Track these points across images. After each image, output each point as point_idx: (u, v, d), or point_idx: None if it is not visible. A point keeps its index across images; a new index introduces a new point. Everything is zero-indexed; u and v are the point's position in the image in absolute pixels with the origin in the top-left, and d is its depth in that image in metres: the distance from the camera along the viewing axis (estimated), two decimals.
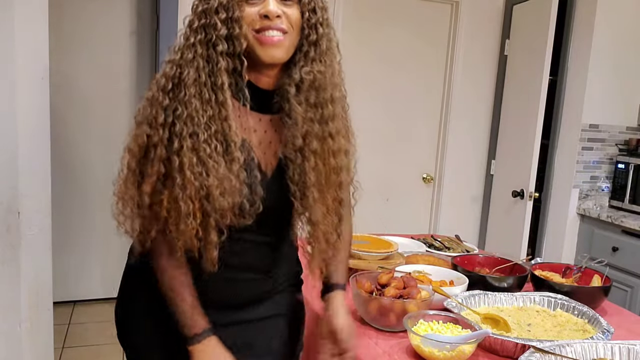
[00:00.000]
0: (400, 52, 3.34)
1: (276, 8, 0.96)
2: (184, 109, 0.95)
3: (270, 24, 0.96)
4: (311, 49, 1.02)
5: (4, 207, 1.87)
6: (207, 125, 0.95)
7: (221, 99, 0.96)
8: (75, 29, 3.29)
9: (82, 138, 3.40)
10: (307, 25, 1.01)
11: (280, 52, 0.99)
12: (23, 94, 1.87)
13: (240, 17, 0.96)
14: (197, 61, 0.96)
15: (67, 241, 3.36)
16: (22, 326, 1.95)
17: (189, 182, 0.95)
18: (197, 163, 0.95)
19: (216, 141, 0.96)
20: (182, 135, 0.95)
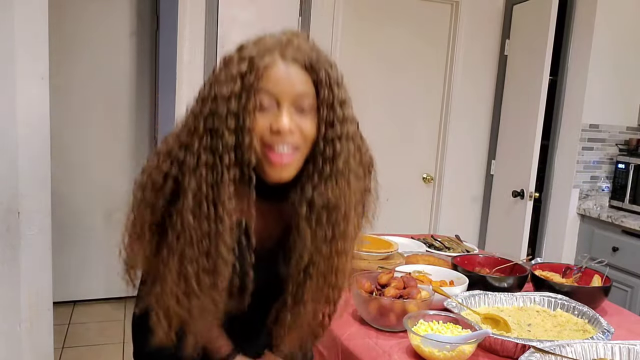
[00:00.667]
0: (400, 52, 3.34)
1: (289, 123, 0.87)
2: (179, 219, 0.88)
3: (281, 140, 0.87)
4: (326, 165, 0.91)
5: (4, 207, 1.87)
6: (199, 241, 0.88)
7: (220, 215, 0.88)
8: (75, 30, 3.29)
9: (82, 138, 3.40)
10: (324, 140, 0.90)
11: (289, 172, 0.91)
12: (23, 94, 1.87)
13: (252, 127, 0.87)
14: (200, 171, 0.87)
15: (67, 241, 3.36)
16: (22, 326, 1.95)
17: (170, 301, 0.90)
18: (181, 284, 0.89)
19: (206, 259, 0.89)
20: (172, 248, 0.89)
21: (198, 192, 0.87)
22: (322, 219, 0.93)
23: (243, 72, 0.86)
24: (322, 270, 0.96)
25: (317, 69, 0.89)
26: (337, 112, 0.90)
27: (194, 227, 0.88)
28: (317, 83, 0.89)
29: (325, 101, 0.90)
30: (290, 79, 0.88)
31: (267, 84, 0.87)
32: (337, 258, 0.96)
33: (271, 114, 0.88)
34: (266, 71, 0.87)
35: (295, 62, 0.88)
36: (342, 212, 0.94)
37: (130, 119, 3.51)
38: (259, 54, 0.87)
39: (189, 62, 2.92)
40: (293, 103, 0.88)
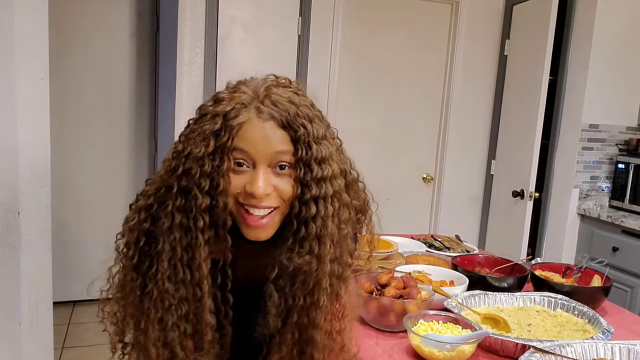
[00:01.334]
0: (400, 52, 3.34)
1: (265, 186, 0.82)
2: (154, 287, 0.85)
3: (256, 203, 0.83)
4: (301, 228, 0.86)
5: (4, 207, 1.87)
6: (177, 306, 0.84)
7: (197, 277, 0.84)
8: (75, 30, 3.29)
9: (82, 138, 3.40)
10: (299, 201, 0.85)
11: (267, 233, 0.86)
12: (23, 94, 1.87)
13: (226, 190, 0.83)
14: (173, 233, 0.83)
15: (67, 241, 3.36)
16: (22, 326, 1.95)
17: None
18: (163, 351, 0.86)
19: (186, 323, 0.85)
20: (149, 316, 0.86)
21: (173, 255, 0.84)
22: (294, 284, 0.87)
23: (216, 131, 0.82)
24: (295, 340, 0.90)
25: (295, 125, 0.83)
26: (314, 172, 0.84)
27: (170, 292, 0.84)
28: (294, 140, 0.84)
29: (303, 159, 0.84)
30: (267, 137, 0.82)
31: (241, 143, 0.82)
32: (312, 330, 0.90)
33: (246, 174, 0.83)
34: (241, 130, 0.82)
35: (272, 120, 0.83)
36: (314, 279, 0.87)
37: (130, 119, 3.51)
38: (233, 110, 0.83)
39: (189, 62, 2.92)
40: (270, 163, 0.83)
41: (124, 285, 0.90)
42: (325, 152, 0.86)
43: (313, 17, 3.09)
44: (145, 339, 0.87)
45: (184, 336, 0.86)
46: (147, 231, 0.87)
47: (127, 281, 0.89)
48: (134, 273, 0.88)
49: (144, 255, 0.88)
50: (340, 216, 0.89)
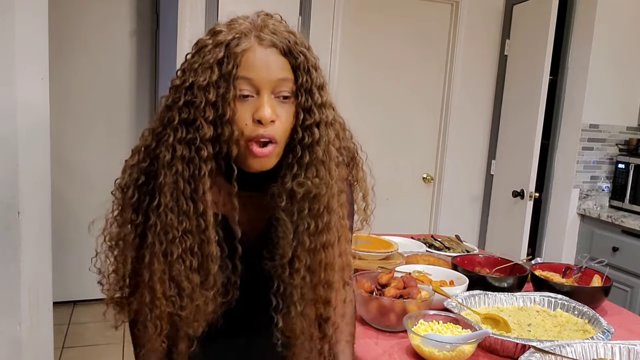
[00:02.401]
0: (400, 51, 3.34)
1: (271, 112, 0.83)
2: (157, 219, 0.84)
3: (263, 133, 0.83)
4: (305, 154, 0.87)
5: (4, 206, 1.87)
6: (182, 239, 0.85)
7: (201, 209, 0.84)
8: (75, 29, 3.29)
9: (82, 138, 3.40)
10: (301, 127, 0.87)
11: (271, 162, 0.87)
12: (23, 94, 1.86)
13: (232, 119, 0.83)
14: (175, 165, 0.83)
15: (67, 241, 3.36)
16: (22, 326, 1.95)
17: (159, 303, 0.87)
18: (170, 285, 0.86)
19: (191, 256, 0.86)
20: (153, 250, 0.85)
21: (175, 188, 0.84)
22: (304, 209, 0.88)
23: (220, 59, 0.82)
24: (307, 265, 0.91)
25: (295, 53, 0.85)
26: (315, 98, 0.86)
27: (174, 225, 0.84)
28: (295, 67, 0.85)
29: (304, 86, 0.86)
30: (269, 64, 0.83)
31: (245, 71, 0.82)
32: (323, 251, 0.91)
33: (251, 102, 0.84)
34: (244, 57, 0.82)
35: (273, 47, 0.84)
36: (324, 202, 0.89)
37: (130, 119, 3.51)
38: (234, 39, 0.83)
39: None
40: (273, 90, 0.84)
41: (122, 225, 0.89)
42: (323, 80, 0.89)
43: (313, 17, 3.09)
44: (150, 274, 0.87)
45: (189, 269, 0.86)
46: (146, 170, 0.88)
47: (127, 220, 0.89)
48: (133, 213, 0.88)
49: (143, 193, 0.88)
50: (336, 144, 0.92)
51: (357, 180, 1.03)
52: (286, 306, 0.93)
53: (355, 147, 1.02)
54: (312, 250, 0.90)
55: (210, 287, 0.88)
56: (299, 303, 0.92)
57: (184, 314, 0.88)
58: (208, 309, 0.90)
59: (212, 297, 0.89)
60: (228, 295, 0.92)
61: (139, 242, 0.89)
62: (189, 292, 0.87)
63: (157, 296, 0.87)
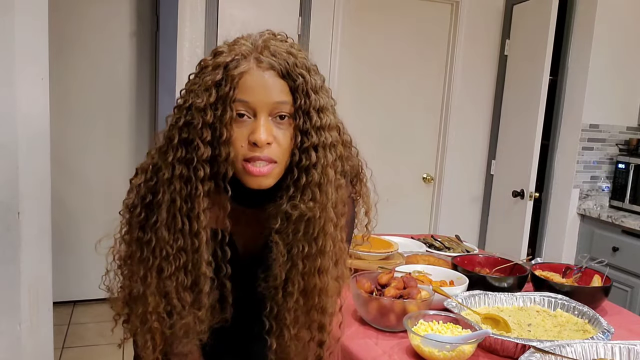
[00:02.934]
0: (400, 51, 3.34)
1: (266, 135, 0.83)
2: (153, 235, 0.87)
3: (259, 155, 0.84)
4: (302, 176, 0.87)
5: (4, 207, 1.87)
6: (176, 256, 0.86)
7: (195, 228, 0.85)
8: (75, 30, 3.29)
9: (82, 138, 3.40)
10: (299, 150, 0.87)
11: (269, 181, 0.87)
12: (23, 94, 1.87)
13: (228, 140, 0.83)
14: (174, 184, 0.85)
15: (67, 241, 3.36)
16: (22, 326, 1.95)
17: (150, 317, 0.88)
18: (161, 300, 0.87)
19: (184, 274, 0.87)
20: (147, 264, 0.87)
21: (172, 205, 0.85)
22: (298, 232, 0.88)
23: (218, 81, 0.83)
24: (301, 289, 0.91)
25: (294, 75, 0.85)
26: (313, 120, 0.86)
27: (168, 242, 0.85)
28: (293, 90, 0.86)
29: (302, 108, 0.86)
30: (267, 87, 0.84)
31: (242, 94, 0.83)
32: (318, 276, 0.91)
33: (248, 124, 0.84)
34: (241, 79, 0.83)
35: (271, 69, 0.84)
36: (319, 225, 0.89)
37: (130, 119, 3.51)
38: (233, 61, 0.84)
39: (189, 62, 2.92)
40: (270, 112, 0.85)
41: (130, 244, 0.91)
42: (323, 102, 0.88)
43: (313, 17, 3.09)
44: (145, 287, 0.88)
45: (181, 287, 0.87)
46: (152, 188, 0.89)
47: (134, 238, 0.90)
48: (140, 230, 0.89)
49: (149, 211, 0.89)
50: (337, 167, 0.91)
51: (361, 196, 1.03)
52: (279, 329, 0.93)
53: (360, 163, 1.03)
54: (306, 274, 0.91)
55: (201, 306, 0.89)
56: (292, 326, 0.93)
57: (172, 331, 0.89)
58: (198, 328, 0.90)
59: (203, 316, 0.90)
60: (222, 313, 0.93)
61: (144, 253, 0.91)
62: (179, 310, 0.88)
63: (148, 310, 0.88)
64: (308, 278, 0.91)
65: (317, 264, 0.90)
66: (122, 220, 0.93)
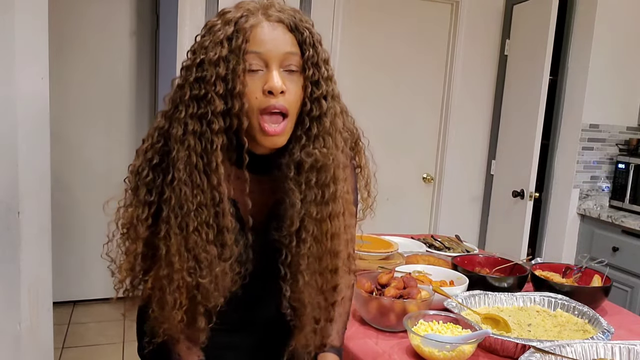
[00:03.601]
0: (400, 51, 3.34)
1: (280, 83, 0.86)
2: (172, 193, 0.87)
3: (274, 103, 0.86)
4: (313, 125, 0.91)
5: (4, 206, 1.87)
6: (197, 212, 0.86)
7: (214, 182, 0.87)
8: (75, 29, 3.29)
9: (82, 138, 3.40)
10: (309, 100, 0.90)
11: (283, 139, 0.90)
12: (23, 93, 1.86)
13: (242, 92, 0.85)
14: (188, 140, 0.85)
15: (67, 241, 3.36)
16: (22, 326, 1.95)
17: (177, 276, 0.88)
18: (187, 256, 0.87)
19: (207, 228, 0.87)
20: (169, 223, 0.87)
21: (188, 162, 0.86)
22: (311, 180, 0.91)
23: (229, 35, 0.85)
24: (314, 234, 0.93)
25: (301, 28, 0.89)
26: (322, 71, 0.90)
27: (188, 198, 0.86)
28: (301, 43, 0.89)
29: (310, 60, 0.89)
30: (277, 39, 0.87)
31: (254, 46, 0.86)
32: (330, 221, 0.94)
33: (260, 76, 0.87)
34: (252, 32, 0.86)
35: (280, 23, 0.88)
36: (331, 172, 0.92)
37: (130, 118, 3.51)
38: (243, 17, 0.87)
39: None
40: (281, 64, 0.88)
41: (136, 206, 0.91)
42: (327, 55, 0.93)
43: (313, 17, 3.06)
44: (167, 248, 0.88)
45: (206, 241, 0.88)
46: (160, 150, 0.90)
47: (140, 200, 0.90)
48: (147, 193, 0.90)
49: (158, 172, 0.90)
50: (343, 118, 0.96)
51: (360, 166, 1.06)
52: (293, 276, 0.95)
53: (357, 132, 1.06)
54: (318, 220, 0.93)
55: (227, 257, 0.90)
56: (305, 272, 0.94)
57: (204, 283, 0.89)
58: (226, 280, 0.91)
59: (230, 267, 0.91)
60: (243, 266, 0.94)
61: (152, 221, 0.91)
62: (207, 263, 0.89)
63: (175, 268, 0.88)
64: (321, 223, 0.93)
65: (329, 209, 0.93)
66: (126, 188, 0.93)
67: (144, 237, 0.91)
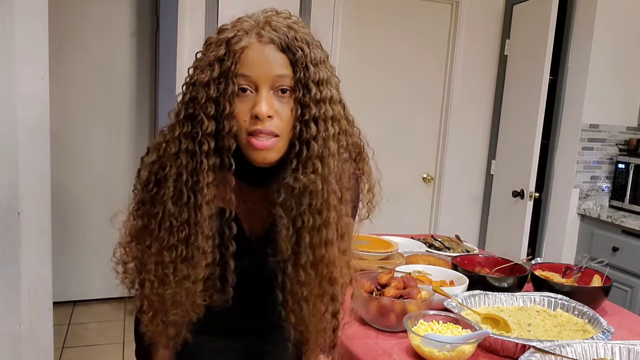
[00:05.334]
0: (400, 51, 3.34)
1: (267, 108, 0.85)
2: (162, 208, 0.89)
3: (261, 128, 0.85)
4: (303, 149, 0.88)
5: (4, 207, 1.87)
6: (179, 229, 0.88)
7: (199, 202, 0.87)
8: (75, 30, 3.29)
9: (82, 138, 3.40)
10: (300, 122, 0.88)
11: (273, 155, 0.88)
12: (23, 94, 1.87)
13: (231, 114, 0.85)
14: (180, 158, 0.87)
15: (67, 241, 3.36)
16: (22, 326, 1.95)
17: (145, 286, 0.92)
18: (158, 269, 0.90)
19: (184, 247, 0.89)
20: (153, 236, 0.90)
21: (178, 179, 0.87)
22: (301, 205, 0.89)
23: (221, 56, 0.86)
24: (310, 261, 0.91)
25: (294, 48, 0.87)
26: (312, 93, 0.87)
27: (173, 214, 0.88)
28: (293, 63, 0.87)
29: (301, 81, 0.87)
30: (267, 61, 0.86)
31: (244, 68, 0.85)
32: (324, 248, 0.91)
33: (250, 98, 0.86)
34: (243, 54, 0.85)
35: (271, 43, 0.86)
36: (322, 198, 0.89)
37: (130, 119, 3.51)
38: (235, 37, 0.86)
39: (188, 62, 2.91)
40: (271, 86, 0.86)
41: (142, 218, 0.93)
42: (324, 76, 0.89)
43: (313, 17, 3.08)
44: (148, 255, 0.91)
45: (179, 259, 0.89)
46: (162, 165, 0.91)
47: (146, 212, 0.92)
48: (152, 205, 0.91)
49: (160, 186, 0.91)
50: (340, 141, 0.92)
51: (364, 174, 1.06)
52: (296, 303, 0.94)
53: (362, 142, 1.06)
54: (313, 246, 0.91)
55: (193, 279, 0.90)
56: (308, 299, 0.94)
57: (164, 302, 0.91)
58: (188, 301, 0.92)
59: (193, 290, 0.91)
60: (222, 294, 0.94)
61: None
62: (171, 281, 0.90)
63: (147, 277, 0.91)
64: (315, 250, 0.91)
65: (322, 235, 0.91)
66: (134, 197, 0.95)
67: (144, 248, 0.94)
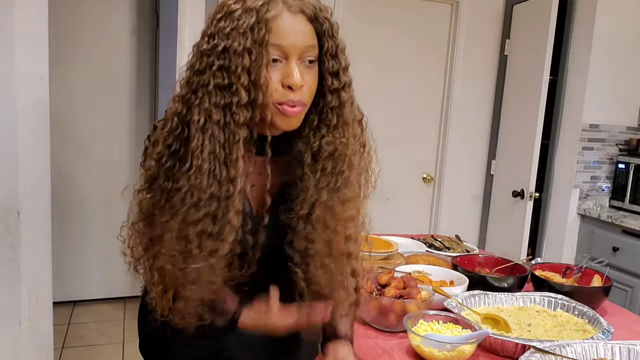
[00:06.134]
0: (400, 51, 3.34)
1: (300, 78, 0.85)
2: (186, 182, 0.85)
3: (293, 98, 0.85)
4: (333, 116, 0.91)
5: (4, 207, 1.87)
6: (206, 203, 0.85)
7: (232, 175, 0.85)
8: (75, 28, 3.29)
9: (82, 137, 3.40)
10: (329, 91, 0.90)
11: (298, 121, 0.90)
12: (23, 93, 1.87)
13: (264, 84, 0.84)
14: (211, 129, 0.83)
15: (67, 241, 3.36)
16: (22, 326, 1.95)
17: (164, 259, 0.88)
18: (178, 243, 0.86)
19: (210, 222, 0.86)
20: (174, 211, 0.86)
21: (209, 152, 0.83)
22: (327, 168, 0.92)
23: (252, 25, 0.83)
24: (326, 219, 0.93)
25: (321, 19, 0.88)
26: (341, 62, 0.91)
27: (202, 188, 0.84)
28: (320, 34, 0.88)
29: (330, 52, 0.89)
30: (298, 31, 0.85)
31: (276, 38, 0.84)
32: (342, 205, 0.94)
33: (279, 67, 0.85)
34: (274, 24, 0.84)
35: (301, 13, 0.86)
36: (347, 160, 0.93)
37: (130, 118, 3.51)
38: (263, 5, 0.84)
39: None
40: (300, 56, 0.86)
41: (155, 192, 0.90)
42: (344, 44, 0.94)
43: None
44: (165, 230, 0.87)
45: (205, 234, 0.86)
46: (179, 137, 0.88)
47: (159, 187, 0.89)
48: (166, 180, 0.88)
49: (176, 160, 0.87)
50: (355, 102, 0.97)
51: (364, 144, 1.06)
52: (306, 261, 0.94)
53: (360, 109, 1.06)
54: (329, 205, 0.93)
55: (219, 257, 0.88)
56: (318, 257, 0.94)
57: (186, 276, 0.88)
58: (209, 277, 0.89)
59: (218, 267, 0.89)
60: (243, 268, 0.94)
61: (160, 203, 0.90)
62: (196, 256, 0.86)
63: (164, 252, 0.88)
64: (333, 209, 0.93)
65: (341, 194, 0.93)
66: (144, 172, 0.92)
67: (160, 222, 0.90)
